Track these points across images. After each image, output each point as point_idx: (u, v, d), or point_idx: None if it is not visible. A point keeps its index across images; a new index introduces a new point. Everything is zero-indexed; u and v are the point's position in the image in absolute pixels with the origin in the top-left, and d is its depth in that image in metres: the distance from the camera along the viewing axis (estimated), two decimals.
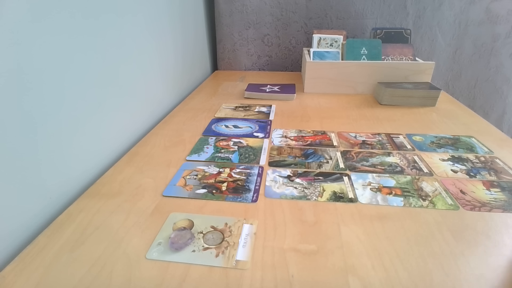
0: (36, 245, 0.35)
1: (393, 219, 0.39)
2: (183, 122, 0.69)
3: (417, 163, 0.52)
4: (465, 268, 0.32)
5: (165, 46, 0.76)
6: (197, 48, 1.00)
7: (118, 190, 0.45)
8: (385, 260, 0.33)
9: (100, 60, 0.51)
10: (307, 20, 1.04)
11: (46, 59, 0.40)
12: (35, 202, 0.40)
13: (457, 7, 0.98)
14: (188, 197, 0.44)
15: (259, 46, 1.10)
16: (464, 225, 0.38)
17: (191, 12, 0.93)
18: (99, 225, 0.38)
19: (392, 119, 0.70)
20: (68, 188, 0.45)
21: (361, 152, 0.55)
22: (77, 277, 0.31)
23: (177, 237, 0.35)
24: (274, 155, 0.54)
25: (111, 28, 0.53)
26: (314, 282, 0.31)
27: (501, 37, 0.99)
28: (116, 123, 0.56)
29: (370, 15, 1.01)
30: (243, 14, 1.05)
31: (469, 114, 0.74)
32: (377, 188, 0.45)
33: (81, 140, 0.47)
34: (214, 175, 0.48)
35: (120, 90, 0.57)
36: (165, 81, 0.77)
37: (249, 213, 0.40)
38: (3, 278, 0.32)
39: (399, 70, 0.84)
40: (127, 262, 0.33)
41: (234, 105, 0.78)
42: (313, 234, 0.37)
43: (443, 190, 0.44)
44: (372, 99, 0.83)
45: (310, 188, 0.45)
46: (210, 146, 0.57)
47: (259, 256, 0.34)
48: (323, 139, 0.60)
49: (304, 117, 0.71)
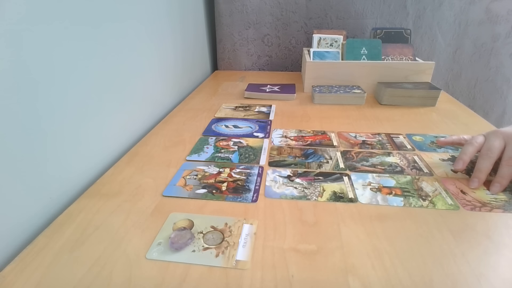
0: (36, 245, 0.35)
1: (393, 219, 0.39)
2: (183, 122, 0.69)
3: (417, 163, 0.52)
4: (465, 268, 0.32)
5: (165, 46, 0.76)
6: (197, 48, 1.00)
7: (118, 190, 0.45)
8: (385, 260, 0.33)
9: (100, 60, 0.51)
10: (307, 20, 1.04)
11: (49, 60, 0.40)
12: (35, 202, 0.40)
13: (457, 7, 0.98)
14: (188, 197, 0.44)
15: (259, 46, 1.10)
16: (464, 225, 0.38)
17: (191, 12, 0.93)
18: (99, 225, 0.38)
19: (392, 119, 0.70)
20: (68, 188, 0.45)
21: (361, 152, 0.55)
22: (77, 277, 0.31)
23: (177, 237, 0.35)
24: (274, 155, 0.54)
25: (111, 28, 0.53)
26: (314, 282, 0.31)
27: (501, 37, 0.99)
28: (116, 123, 0.56)
29: (370, 15, 1.01)
30: (243, 14, 1.05)
31: (469, 114, 0.74)
32: (377, 188, 0.45)
33: (81, 140, 0.47)
34: (214, 175, 0.48)
35: (120, 90, 0.57)
36: (165, 81, 0.77)
37: (249, 213, 0.40)
38: (3, 278, 0.32)
39: (399, 70, 0.84)
40: (127, 262, 0.33)
41: (234, 105, 0.78)
42: (313, 234, 0.37)
43: (443, 190, 0.44)
44: (372, 99, 0.83)
45: (310, 188, 0.45)
46: (210, 146, 0.57)
47: (259, 256, 0.34)
48: (323, 139, 0.60)
49: (304, 117, 0.71)
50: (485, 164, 0.46)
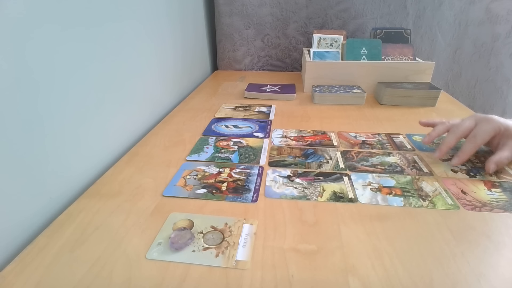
0: (36, 245, 0.35)
1: (393, 219, 0.39)
2: (183, 122, 0.69)
3: (417, 163, 0.52)
4: (465, 268, 0.32)
5: (165, 46, 0.76)
6: (197, 48, 1.00)
7: (118, 190, 0.45)
8: (385, 260, 0.33)
9: (100, 60, 0.51)
10: (307, 20, 1.04)
11: (49, 61, 0.40)
12: (35, 202, 0.40)
13: (457, 7, 0.98)
14: (188, 197, 0.44)
15: (259, 46, 1.10)
16: (464, 225, 0.38)
17: (190, 12, 0.93)
18: (99, 225, 0.38)
19: (392, 119, 0.70)
20: (68, 188, 0.45)
21: (361, 152, 0.55)
22: (77, 277, 0.31)
23: (177, 237, 0.35)
24: (274, 155, 0.54)
25: (111, 28, 0.53)
26: (314, 282, 0.31)
27: (501, 37, 0.99)
28: (116, 123, 0.56)
29: (370, 15, 1.01)
30: (243, 14, 1.05)
31: (469, 114, 0.73)
32: (377, 188, 0.45)
33: (81, 140, 0.47)
34: (214, 175, 0.48)
35: (119, 90, 0.57)
36: (165, 81, 0.77)
37: (249, 213, 0.40)
38: (3, 278, 0.32)
39: (399, 70, 0.84)
40: (127, 262, 0.33)
41: (234, 105, 0.78)
42: (313, 234, 0.37)
43: (443, 190, 0.44)
44: (372, 99, 0.83)
45: (310, 188, 0.45)
46: (210, 146, 0.57)
47: (259, 256, 0.34)
48: (323, 139, 0.60)
49: (304, 117, 0.71)
50: (449, 137, 0.50)
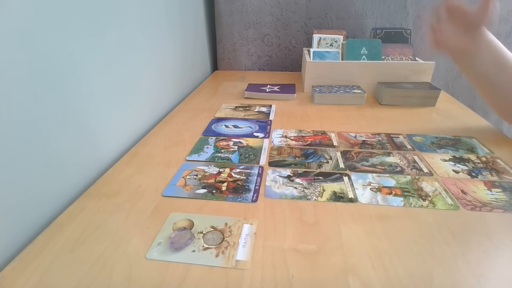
0: (36, 245, 0.35)
1: (393, 219, 0.39)
2: (183, 122, 0.69)
3: (417, 163, 0.51)
4: (465, 268, 0.32)
5: (165, 46, 0.76)
6: (197, 48, 1.00)
7: (118, 190, 0.45)
8: (385, 260, 0.33)
9: (100, 60, 0.51)
10: (307, 20, 1.04)
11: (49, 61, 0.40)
12: (36, 201, 0.40)
13: None
14: (188, 197, 0.44)
15: (259, 46, 1.10)
16: (464, 225, 0.38)
17: (190, 12, 0.93)
18: (99, 225, 0.38)
19: (392, 119, 0.70)
20: (68, 188, 0.45)
21: (361, 152, 0.55)
22: (77, 277, 0.31)
23: (177, 237, 0.35)
24: (274, 155, 0.54)
25: (111, 28, 0.53)
26: (314, 282, 0.31)
27: (501, 37, 0.98)
28: (116, 123, 0.56)
29: (370, 15, 1.01)
30: (243, 14, 1.05)
31: (469, 114, 0.74)
32: (377, 188, 0.45)
33: (81, 140, 0.47)
34: (214, 175, 0.48)
35: (119, 90, 0.57)
36: (165, 81, 0.77)
37: (249, 213, 0.40)
38: (3, 278, 0.32)
39: (399, 70, 0.84)
40: (127, 262, 0.33)
41: (234, 105, 0.78)
42: (313, 234, 0.37)
43: (443, 190, 0.44)
44: (372, 99, 0.83)
45: (310, 188, 0.45)
46: (210, 146, 0.57)
47: (259, 256, 0.34)
48: (323, 139, 0.60)
49: (304, 117, 0.71)
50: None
